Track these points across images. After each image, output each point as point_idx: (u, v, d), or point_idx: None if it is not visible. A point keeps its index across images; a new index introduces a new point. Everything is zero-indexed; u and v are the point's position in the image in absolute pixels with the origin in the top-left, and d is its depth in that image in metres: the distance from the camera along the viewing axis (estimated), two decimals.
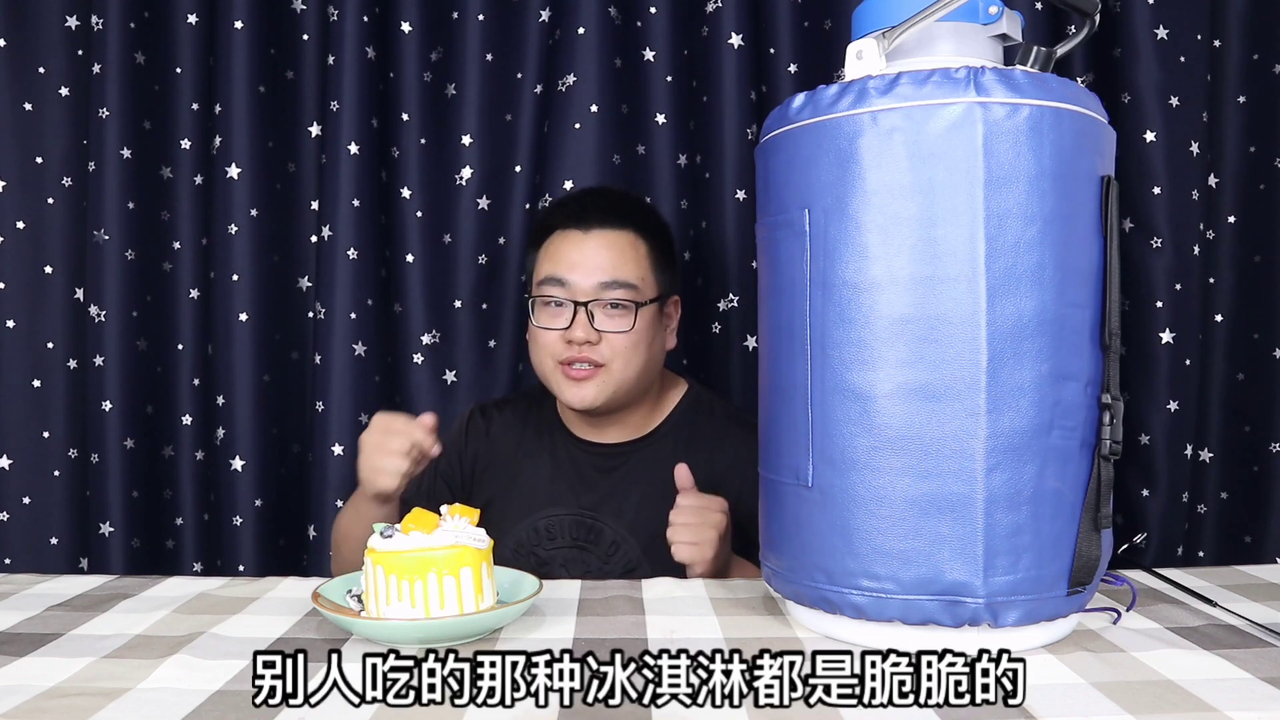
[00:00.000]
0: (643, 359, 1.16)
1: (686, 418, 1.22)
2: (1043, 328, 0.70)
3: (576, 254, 1.15)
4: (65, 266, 1.47)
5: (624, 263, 1.15)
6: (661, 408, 1.23)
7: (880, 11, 0.77)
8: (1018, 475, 0.70)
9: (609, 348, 1.13)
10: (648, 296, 1.16)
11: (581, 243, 1.15)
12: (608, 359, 1.13)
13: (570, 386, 1.15)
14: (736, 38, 1.37)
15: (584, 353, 1.13)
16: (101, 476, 1.41)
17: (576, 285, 1.14)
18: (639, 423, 1.22)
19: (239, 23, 1.41)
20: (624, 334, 1.13)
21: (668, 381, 1.25)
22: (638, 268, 1.15)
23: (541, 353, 1.17)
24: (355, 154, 1.40)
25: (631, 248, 1.16)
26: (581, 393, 1.14)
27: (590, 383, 1.14)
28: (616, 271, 1.14)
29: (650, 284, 1.17)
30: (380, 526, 0.79)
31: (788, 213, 0.76)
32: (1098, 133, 0.74)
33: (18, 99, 1.45)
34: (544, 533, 1.19)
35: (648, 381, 1.19)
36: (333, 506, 1.40)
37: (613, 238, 1.16)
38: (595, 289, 1.13)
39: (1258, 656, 0.71)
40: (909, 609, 0.71)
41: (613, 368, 1.14)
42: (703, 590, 0.91)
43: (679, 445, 1.19)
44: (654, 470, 1.18)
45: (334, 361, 1.41)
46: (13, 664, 0.72)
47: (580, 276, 1.14)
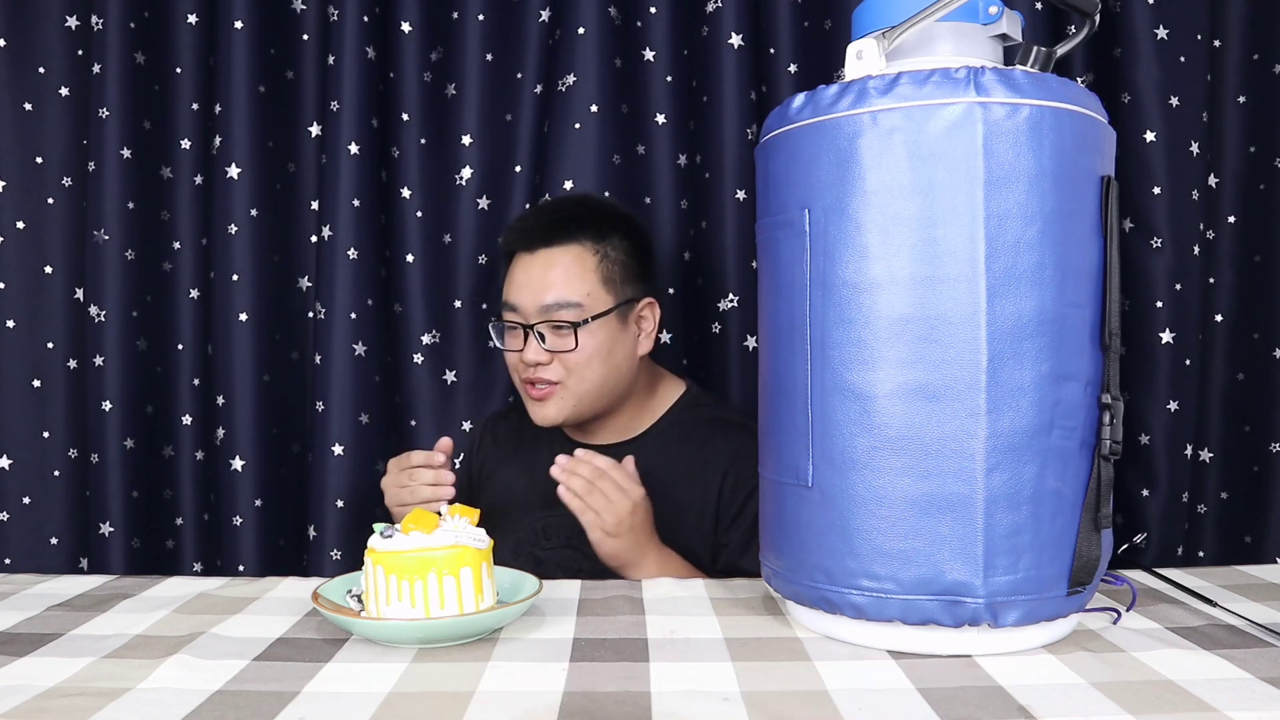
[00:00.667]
0: (600, 371, 1.16)
1: (678, 420, 1.22)
2: (1043, 328, 0.70)
3: (523, 276, 1.18)
4: (65, 266, 1.47)
5: (567, 280, 1.15)
6: (653, 409, 1.23)
7: (880, 11, 0.77)
8: (1018, 475, 0.70)
9: (562, 366, 1.16)
10: (595, 311, 1.15)
11: (528, 265, 1.18)
12: (561, 376, 1.16)
13: (532, 405, 1.19)
14: (736, 38, 1.37)
15: (538, 373, 1.16)
16: (101, 476, 1.41)
17: (523, 308, 1.17)
18: (627, 424, 1.22)
19: (239, 23, 1.41)
20: (570, 353, 1.15)
21: (663, 383, 1.25)
22: (582, 284, 1.15)
23: (511, 373, 1.22)
24: (355, 154, 1.40)
25: (576, 263, 1.16)
26: (543, 411, 1.18)
27: (550, 401, 1.17)
28: (558, 291, 1.15)
29: (600, 297, 1.16)
30: (380, 526, 0.79)
31: (788, 213, 0.76)
32: (1098, 133, 0.74)
33: (18, 99, 1.45)
34: (541, 533, 1.19)
35: (619, 389, 1.20)
36: (333, 506, 1.40)
37: (555, 256, 1.16)
38: (539, 311, 1.15)
39: (1258, 656, 0.71)
40: (909, 609, 0.71)
41: (569, 384, 1.16)
42: (703, 590, 0.91)
43: (669, 446, 1.20)
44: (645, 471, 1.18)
45: (334, 361, 1.40)
46: (13, 664, 0.72)
47: (526, 299, 1.16)
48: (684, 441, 1.20)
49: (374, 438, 1.44)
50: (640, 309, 1.21)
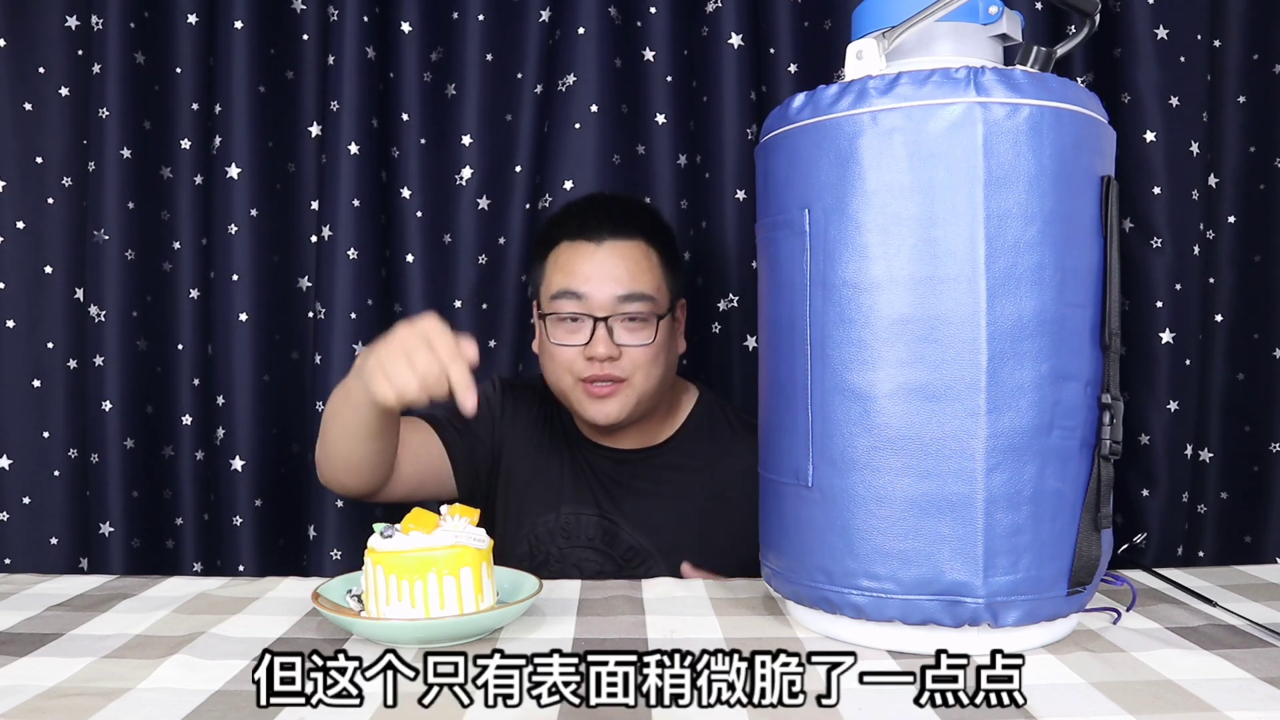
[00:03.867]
0: (662, 369, 1.14)
1: (702, 425, 1.22)
2: (1043, 328, 0.70)
3: (590, 266, 1.11)
4: (65, 266, 1.47)
5: (640, 274, 1.12)
6: (676, 415, 1.22)
7: (880, 11, 0.77)
8: (1018, 475, 0.70)
9: (630, 362, 1.11)
10: (664, 306, 1.14)
11: (594, 255, 1.12)
12: (629, 373, 1.11)
13: (593, 404, 1.12)
14: (736, 38, 1.37)
15: (606, 369, 1.10)
16: (101, 476, 1.41)
17: (593, 299, 1.10)
18: (654, 430, 1.21)
19: (239, 23, 1.40)
20: (645, 347, 1.11)
21: (679, 387, 1.25)
22: (653, 278, 1.13)
23: (559, 369, 1.13)
24: (355, 154, 1.40)
25: (645, 258, 1.13)
26: (605, 409, 1.11)
27: (614, 399, 1.11)
28: (634, 283, 1.11)
29: (664, 293, 1.14)
30: (380, 526, 0.79)
31: (788, 213, 0.76)
32: (1098, 133, 0.74)
33: (18, 99, 1.45)
34: (561, 530, 1.18)
35: (666, 389, 1.18)
36: (333, 506, 1.40)
37: (625, 249, 1.12)
38: (613, 302, 1.10)
39: (1258, 656, 0.71)
40: (909, 609, 0.71)
41: (635, 381, 1.11)
42: (703, 590, 0.91)
43: (696, 452, 1.19)
44: (674, 478, 1.18)
45: (334, 361, 1.40)
46: (13, 664, 0.72)
47: (596, 289, 1.10)
48: (710, 446, 1.19)
49: None
50: (678, 309, 1.20)
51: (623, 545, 1.17)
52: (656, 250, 1.15)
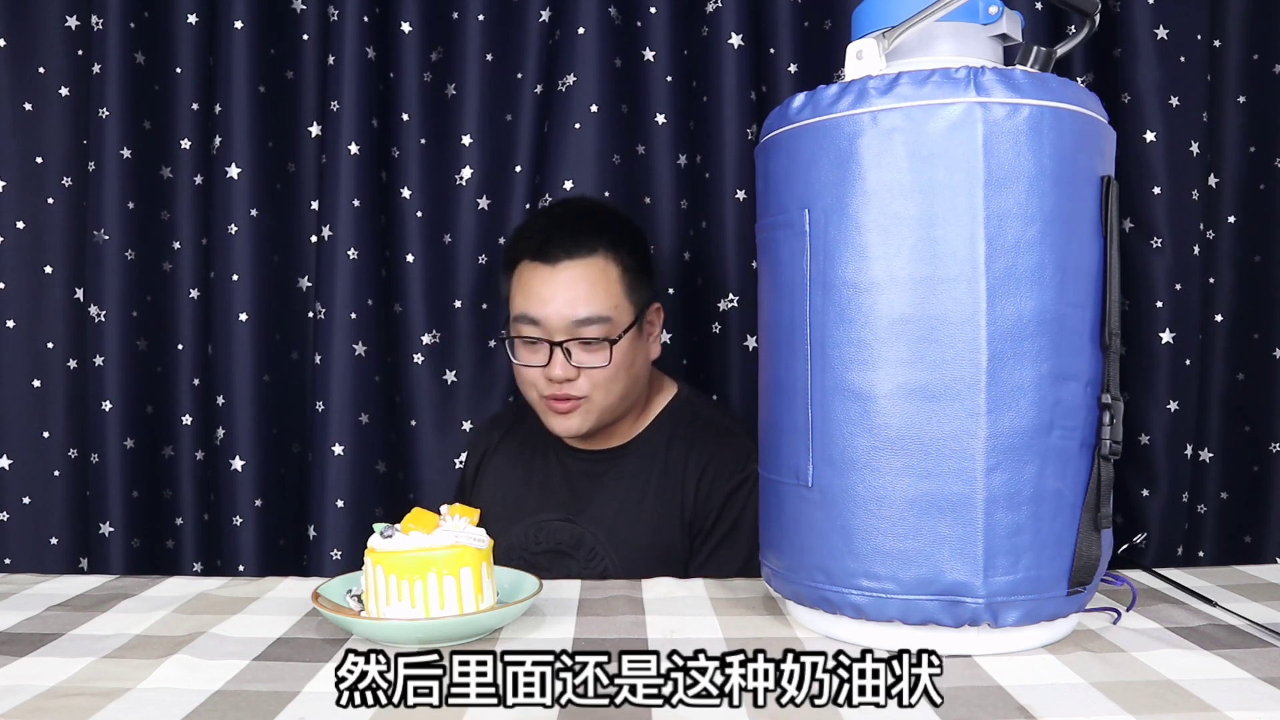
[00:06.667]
0: (623, 385, 1.15)
1: (667, 424, 1.22)
2: (1043, 328, 0.70)
3: (546, 291, 1.12)
4: (65, 266, 1.47)
5: (594, 295, 1.12)
6: (648, 413, 1.23)
7: (880, 11, 0.77)
8: (1018, 475, 0.70)
9: (588, 381, 1.13)
10: (623, 325, 1.14)
11: (550, 278, 1.12)
12: (587, 391, 1.13)
13: (555, 419, 1.16)
14: (736, 38, 1.37)
15: (564, 389, 1.13)
16: (101, 476, 1.41)
17: (549, 324, 1.12)
18: (626, 430, 1.22)
19: (239, 23, 1.40)
20: (602, 369, 1.12)
21: (656, 385, 1.25)
22: (609, 296, 1.13)
23: (525, 385, 1.18)
24: (355, 154, 1.40)
25: (602, 276, 1.13)
26: (567, 424, 1.16)
27: (574, 415, 1.15)
28: (589, 305, 1.11)
29: (625, 309, 1.14)
30: (380, 526, 0.79)
31: (788, 213, 0.76)
32: (1098, 133, 0.74)
33: (18, 99, 1.45)
34: (533, 537, 1.20)
35: (633, 397, 1.20)
36: (333, 506, 1.40)
37: (580, 270, 1.12)
38: (568, 327, 1.11)
39: (1258, 656, 0.71)
40: (909, 609, 0.71)
41: (594, 398, 1.14)
42: (703, 590, 0.91)
43: (657, 452, 1.20)
44: (633, 477, 1.19)
45: (334, 361, 1.40)
46: (13, 664, 0.72)
47: (552, 313, 1.12)
48: (670, 445, 1.20)
49: (374, 438, 1.44)
50: (649, 314, 1.20)
51: (585, 546, 1.18)
52: (618, 263, 1.15)
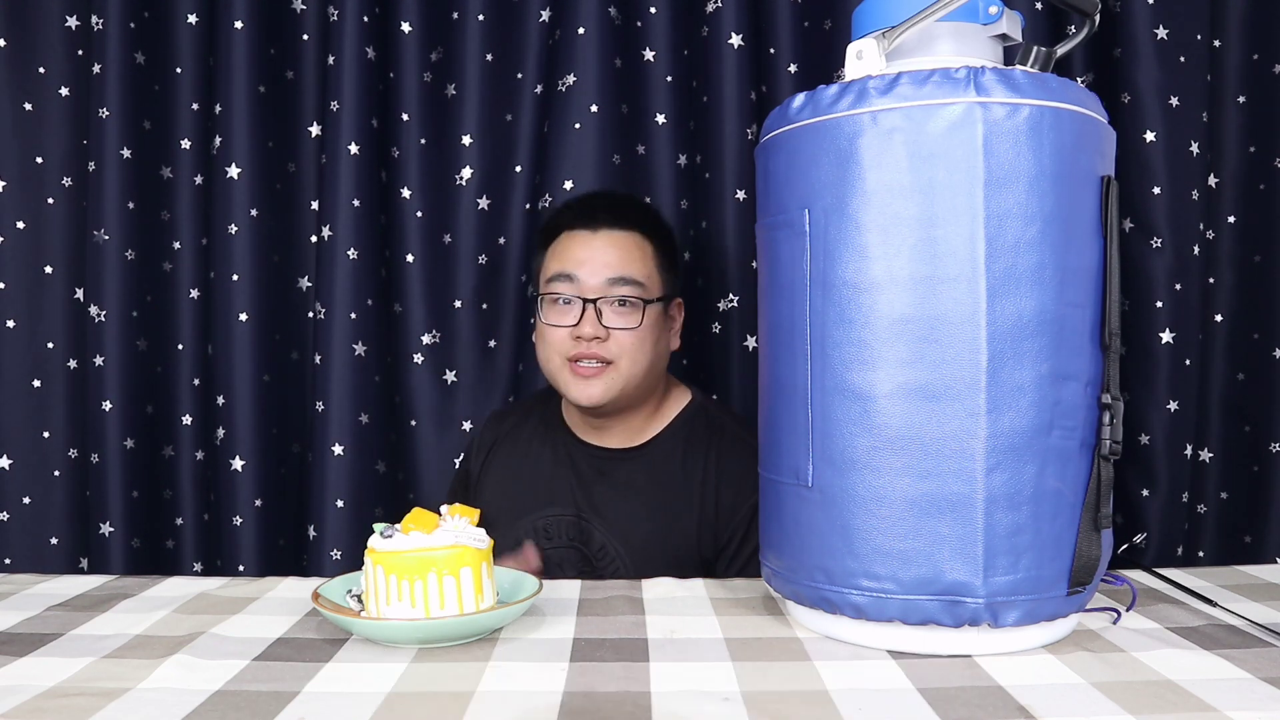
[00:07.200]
0: (649, 357, 1.16)
1: (685, 428, 1.22)
2: (1043, 328, 0.70)
3: (585, 251, 1.16)
4: (65, 266, 1.47)
5: (631, 260, 1.16)
6: (662, 415, 1.23)
7: (880, 11, 0.77)
8: (1018, 475, 0.70)
9: (616, 345, 1.14)
10: (654, 295, 1.17)
11: (589, 241, 1.17)
12: (615, 356, 1.14)
13: (578, 383, 1.15)
14: (736, 38, 1.37)
15: (592, 349, 1.13)
16: (101, 476, 1.41)
17: (585, 281, 1.15)
18: (640, 428, 1.22)
19: (239, 23, 1.41)
20: (632, 330, 1.14)
21: (671, 389, 1.25)
22: (644, 266, 1.17)
23: (549, 350, 1.17)
24: (355, 154, 1.40)
25: (638, 247, 1.18)
26: (589, 390, 1.14)
27: (598, 380, 1.14)
28: (624, 268, 1.15)
29: (656, 283, 1.18)
30: (380, 526, 0.79)
31: (788, 213, 0.76)
32: (1098, 133, 0.74)
33: (18, 99, 1.45)
34: (543, 532, 1.19)
35: (653, 381, 1.20)
36: (333, 506, 1.40)
37: (620, 237, 1.17)
38: (603, 285, 1.14)
39: (1258, 656, 0.71)
40: (909, 609, 0.71)
41: (620, 365, 1.14)
42: (703, 590, 0.91)
43: (674, 455, 1.19)
44: (647, 478, 1.19)
45: (334, 361, 1.41)
46: (13, 664, 0.72)
47: (588, 273, 1.15)
48: (690, 450, 1.20)
49: (374, 438, 1.44)
50: (672, 308, 1.23)
51: (595, 544, 1.18)
52: (652, 244, 1.20)
